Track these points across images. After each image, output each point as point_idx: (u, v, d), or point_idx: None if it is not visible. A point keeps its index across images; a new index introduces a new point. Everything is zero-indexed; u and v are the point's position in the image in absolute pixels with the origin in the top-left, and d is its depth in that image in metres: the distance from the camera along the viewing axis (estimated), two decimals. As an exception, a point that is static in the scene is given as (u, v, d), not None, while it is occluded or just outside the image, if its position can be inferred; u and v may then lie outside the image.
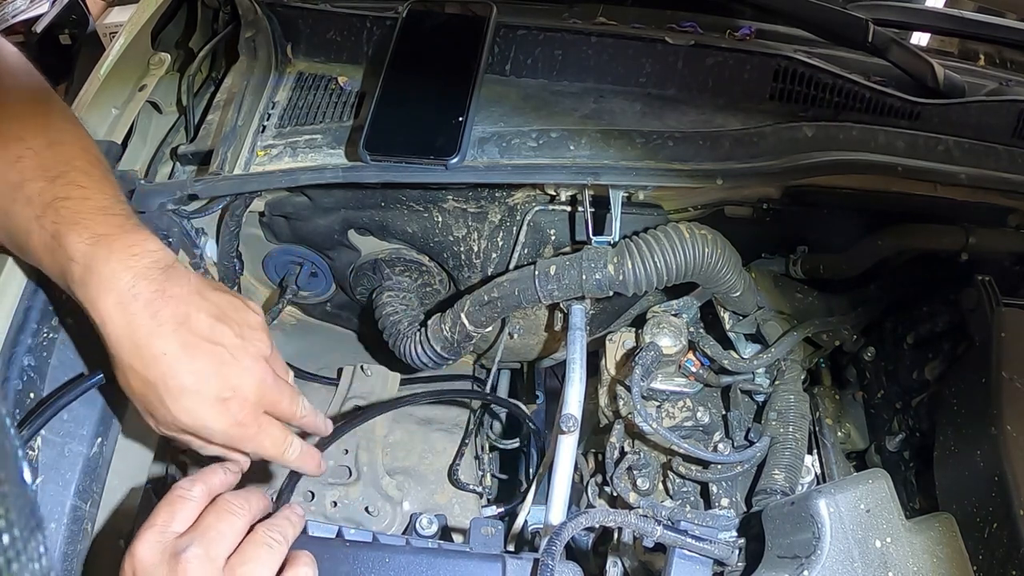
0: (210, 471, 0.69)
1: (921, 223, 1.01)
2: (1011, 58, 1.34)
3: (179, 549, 0.60)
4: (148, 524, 0.63)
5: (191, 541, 0.61)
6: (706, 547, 0.75)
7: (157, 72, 1.06)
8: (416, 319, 1.15)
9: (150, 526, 0.62)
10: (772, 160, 0.95)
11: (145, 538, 0.61)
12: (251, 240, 1.16)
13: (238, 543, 0.64)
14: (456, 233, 1.09)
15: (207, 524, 0.63)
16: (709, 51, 1.04)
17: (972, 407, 0.82)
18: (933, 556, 0.74)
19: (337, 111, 1.02)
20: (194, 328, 0.66)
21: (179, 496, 0.65)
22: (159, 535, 0.62)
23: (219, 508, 0.65)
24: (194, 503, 0.65)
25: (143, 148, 1.03)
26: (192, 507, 0.65)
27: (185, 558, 0.59)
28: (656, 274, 0.92)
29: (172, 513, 0.64)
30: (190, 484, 0.66)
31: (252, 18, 1.06)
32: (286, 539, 0.66)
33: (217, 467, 0.70)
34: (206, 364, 0.66)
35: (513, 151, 0.95)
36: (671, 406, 0.98)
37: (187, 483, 0.66)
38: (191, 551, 0.60)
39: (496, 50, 1.05)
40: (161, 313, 0.65)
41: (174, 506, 0.64)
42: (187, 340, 0.66)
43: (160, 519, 0.63)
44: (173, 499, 0.65)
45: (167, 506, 0.64)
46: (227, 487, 0.69)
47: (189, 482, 0.66)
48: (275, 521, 0.67)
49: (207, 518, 0.64)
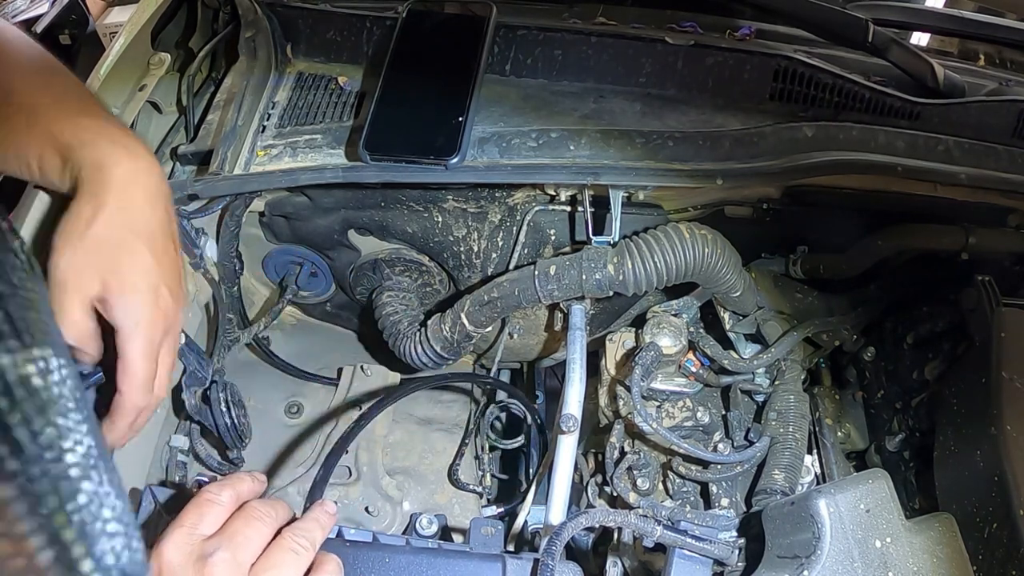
0: (238, 478, 0.69)
1: (921, 223, 1.01)
2: (1011, 58, 1.34)
3: (207, 552, 0.61)
4: (177, 524, 0.63)
5: (219, 545, 0.61)
6: (706, 547, 0.75)
7: (157, 72, 1.06)
8: (416, 319, 1.15)
9: (179, 526, 0.62)
10: (772, 160, 0.95)
11: (173, 538, 0.61)
12: (251, 240, 1.16)
13: (264, 549, 0.64)
14: (456, 233, 1.09)
15: (235, 529, 0.63)
16: (709, 51, 1.04)
17: (972, 407, 0.82)
18: (933, 556, 0.74)
19: (337, 111, 1.02)
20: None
21: (207, 499, 0.65)
22: (187, 536, 0.62)
23: (247, 514, 0.65)
24: (222, 508, 0.65)
25: (143, 148, 1.03)
26: (220, 511, 0.65)
27: (212, 562, 0.60)
28: (656, 274, 0.92)
29: (200, 515, 0.64)
30: (219, 489, 0.66)
31: (252, 18, 1.06)
32: (313, 544, 0.66)
33: (245, 475, 0.71)
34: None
35: (513, 151, 0.95)
36: (671, 406, 0.98)
37: (216, 487, 0.66)
38: (219, 555, 0.60)
39: (496, 50, 1.05)
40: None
41: (202, 508, 0.64)
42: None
43: (189, 520, 0.63)
44: (201, 502, 0.65)
45: (195, 508, 0.64)
46: (254, 495, 0.69)
47: (218, 487, 0.67)
48: (302, 525, 0.67)
49: (235, 523, 0.64)
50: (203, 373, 1.00)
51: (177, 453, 1.03)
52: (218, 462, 1.08)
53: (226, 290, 1.10)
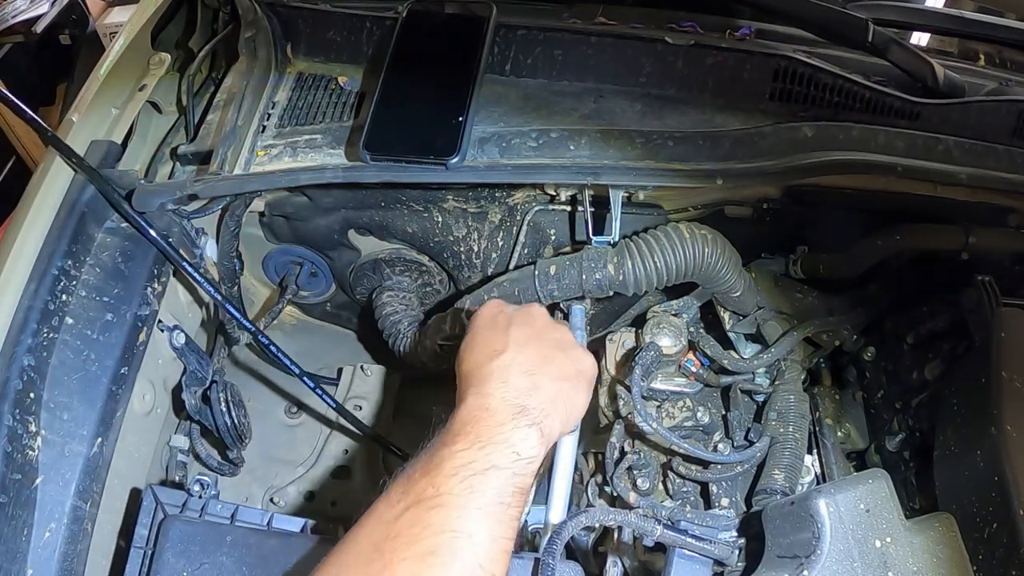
0: None
1: (921, 223, 1.01)
2: (1011, 58, 1.33)
3: (509, 314, 0.79)
4: (492, 301, 0.83)
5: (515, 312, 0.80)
6: (706, 547, 0.75)
7: (157, 72, 1.06)
8: (416, 319, 1.15)
9: (495, 302, 0.82)
10: (772, 160, 0.95)
11: (491, 304, 0.82)
12: (251, 240, 1.16)
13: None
14: (456, 233, 1.09)
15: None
16: (709, 51, 1.04)
17: (972, 407, 0.82)
18: (933, 556, 0.74)
19: (337, 111, 1.02)
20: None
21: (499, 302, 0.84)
22: (501, 306, 0.81)
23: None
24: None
25: (143, 148, 1.03)
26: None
27: (510, 317, 0.78)
28: (656, 274, 0.92)
29: (502, 304, 0.82)
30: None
31: (252, 18, 1.06)
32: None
33: None
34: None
35: (513, 151, 0.95)
36: (671, 406, 0.98)
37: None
38: (517, 316, 0.78)
39: (496, 50, 1.05)
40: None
41: (501, 302, 0.83)
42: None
43: (497, 302, 0.83)
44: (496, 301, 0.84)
45: (497, 301, 0.84)
46: None
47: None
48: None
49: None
50: (203, 373, 1.00)
51: (177, 453, 1.03)
52: (218, 462, 1.08)
53: (226, 290, 1.10)
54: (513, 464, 0.65)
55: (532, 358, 0.73)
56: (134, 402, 0.90)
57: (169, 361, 0.99)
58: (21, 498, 0.74)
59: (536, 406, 0.69)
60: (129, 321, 0.88)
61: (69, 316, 0.84)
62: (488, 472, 0.63)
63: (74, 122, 0.98)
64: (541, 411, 0.69)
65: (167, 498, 0.84)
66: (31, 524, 0.75)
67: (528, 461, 0.66)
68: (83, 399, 0.82)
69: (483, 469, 0.63)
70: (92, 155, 0.94)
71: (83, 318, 0.85)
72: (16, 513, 0.74)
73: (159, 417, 0.99)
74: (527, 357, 0.73)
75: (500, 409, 0.68)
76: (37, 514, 0.75)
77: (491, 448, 0.65)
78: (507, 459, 0.65)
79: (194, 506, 0.84)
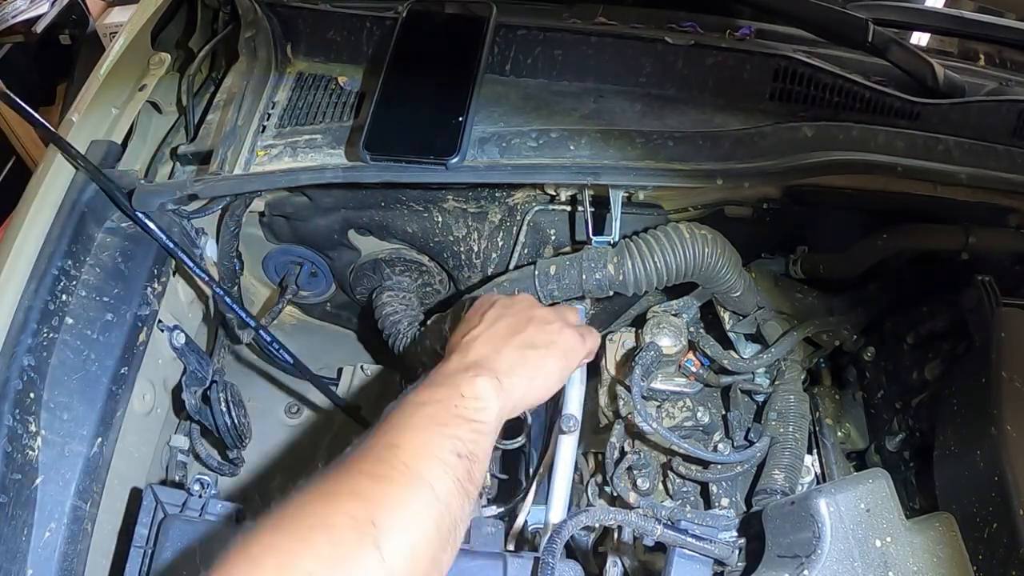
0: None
1: (921, 223, 1.01)
2: (1011, 58, 1.33)
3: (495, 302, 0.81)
4: (485, 295, 0.85)
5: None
6: (706, 547, 0.75)
7: (157, 72, 1.06)
8: (416, 319, 1.15)
9: (488, 295, 0.85)
10: (772, 160, 0.95)
11: (484, 296, 0.84)
12: (251, 240, 1.16)
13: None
14: (456, 233, 1.09)
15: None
16: (709, 51, 1.04)
17: (972, 407, 0.82)
18: (933, 556, 0.74)
19: (337, 111, 1.02)
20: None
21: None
22: (492, 297, 0.82)
23: None
24: None
25: (143, 148, 1.03)
26: None
27: (494, 303, 0.80)
28: (656, 274, 0.92)
29: (494, 296, 0.83)
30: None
31: (252, 18, 1.06)
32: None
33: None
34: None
35: (513, 151, 0.95)
36: (671, 406, 0.98)
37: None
38: (501, 301, 0.81)
39: (496, 50, 1.05)
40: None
41: (493, 295, 0.85)
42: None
43: (490, 295, 0.85)
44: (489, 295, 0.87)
45: (489, 294, 0.87)
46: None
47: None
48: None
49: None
50: (203, 373, 1.00)
51: (177, 453, 1.03)
52: (218, 462, 1.08)
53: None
54: (459, 400, 0.67)
55: (500, 331, 0.76)
56: (134, 402, 0.90)
57: (169, 361, 1.00)
58: (21, 498, 0.74)
59: (492, 366, 0.71)
60: (129, 321, 0.88)
61: (69, 316, 0.84)
62: (429, 404, 0.67)
63: (74, 122, 0.98)
64: (498, 370, 0.71)
65: (167, 498, 0.84)
66: (31, 524, 0.75)
67: (475, 401, 0.67)
68: (83, 399, 0.82)
69: (424, 401, 0.67)
70: (92, 155, 0.94)
71: (83, 318, 0.85)
72: (16, 513, 0.74)
73: (159, 417, 0.99)
74: (495, 331, 0.76)
75: (453, 365, 0.72)
76: (37, 514, 0.75)
77: (436, 388, 0.68)
78: (450, 395, 0.67)
79: (194, 506, 0.83)
